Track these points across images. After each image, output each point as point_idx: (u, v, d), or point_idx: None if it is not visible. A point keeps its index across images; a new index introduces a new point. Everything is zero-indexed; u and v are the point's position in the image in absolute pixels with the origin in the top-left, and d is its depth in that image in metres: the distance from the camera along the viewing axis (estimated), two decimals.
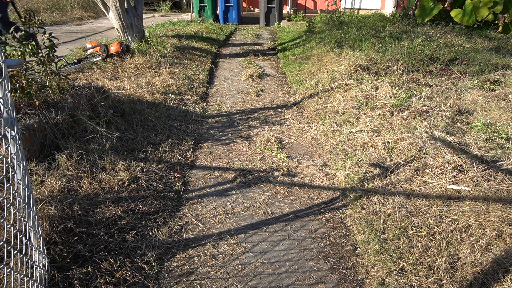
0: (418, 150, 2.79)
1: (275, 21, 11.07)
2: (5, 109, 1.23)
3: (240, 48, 7.71)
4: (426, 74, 4.42)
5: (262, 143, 3.34)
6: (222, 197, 2.54)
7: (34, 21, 3.00)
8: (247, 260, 1.97)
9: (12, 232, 1.33)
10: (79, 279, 1.71)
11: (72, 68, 4.57)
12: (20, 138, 1.37)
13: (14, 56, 2.93)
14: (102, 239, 1.97)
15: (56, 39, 3.17)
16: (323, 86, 4.57)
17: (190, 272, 1.88)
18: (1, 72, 1.18)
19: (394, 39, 5.97)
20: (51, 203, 2.11)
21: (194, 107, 4.15)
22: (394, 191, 2.45)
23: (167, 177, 2.68)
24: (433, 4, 7.81)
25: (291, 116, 4.06)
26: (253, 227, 2.24)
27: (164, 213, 2.28)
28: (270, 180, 2.76)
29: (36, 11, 9.84)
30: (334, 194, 2.61)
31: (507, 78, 4.15)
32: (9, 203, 1.26)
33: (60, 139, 2.74)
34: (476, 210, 2.16)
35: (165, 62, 5.34)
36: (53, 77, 3.15)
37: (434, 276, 1.80)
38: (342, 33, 6.84)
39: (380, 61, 4.71)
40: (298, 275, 1.88)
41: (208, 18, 11.05)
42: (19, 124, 2.50)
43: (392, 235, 2.08)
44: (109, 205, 2.24)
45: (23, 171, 1.39)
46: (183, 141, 3.24)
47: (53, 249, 1.82)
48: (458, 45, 5.71)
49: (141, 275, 1.82)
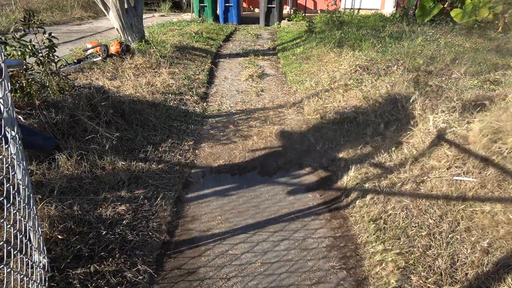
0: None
1: (275, 21, 11.07)
2: (5, 109, 1.23)
3: (240, 48, 7.71)
4: (426, 74, 4.41)
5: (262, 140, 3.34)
6: (222, 197, 2.54)
7: (34, 21, 3.00)
8: (247, 260, 1.97)
9: (12, 232, 1.33)
10: (79, 279, 1.71)
11: (72, 68, 4.57)
12: (20, 138, 1.36)
13: (14, 56, 2.93)
14: (102, 239, 1.96)
15: (56, 39, 3.17)
16: (323, 86, 4.57)
17: (190, 272, 1.88)
18: (1, 72, 1.18)
19: (394, 39, 5.97)
20: (51, 203, 2.11)
21: (194, 107, 4.15)
22: (397, 191, 2.45)
23: (167, 177, 2.67)
24: (433, 4, 7.81)
25: (291, 116, 4.06)
26: (253, 227, 2.24)
27: (165, 213, 2.28)
28: (271, 180, 2.76)
29: (36, 11, 9.83)
30: (336, 193, 2.61)
31: (507, 78, 4.14)
32: (9, 203, 1.26)
33: (60, 139, 2.74)
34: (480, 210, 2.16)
35: (165, 62, 5.34)
36: (53, 77, 3.15)
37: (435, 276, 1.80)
38: (342, 33, 6.84)
39: (380, 61, 4.71)
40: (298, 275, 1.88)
41: (208, 18, 11.05)
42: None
43: (393, 234, 2.07)
44: (110, 205, 2.23)
45: (23, 171, 1.39)
46: (183, 141, 3.24)
47: (53, 249, 1.82)
48: (458, 45, 5.71)
49: (141, 275, 1.81)
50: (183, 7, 14.77)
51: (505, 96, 3.28)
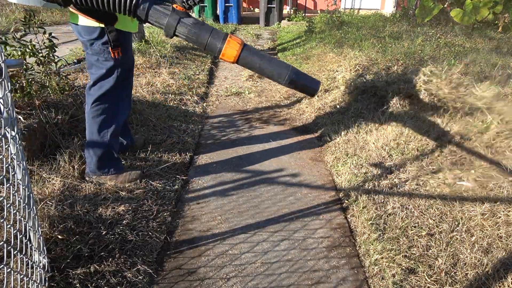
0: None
1: (275, 21, 11.07)
2: (5, 109, 1.23)
3: None
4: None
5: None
6: (222, 197, 2.54)
7: (34, 21, 3.00)
8: (247, 260, 1.97)
9: (12, 232, 1.33)
10: (79, 279, 1.71)
11: (72, 68, 4.57)
12: (20, 138, 1.36)
13: (14, 56, 2.93)
14: (102, 239, 1.96)
15: (56, 39, 3.17)
16: (323, 86, 4.57)
17: (190, 272, 1.88)
18: (1, 72, 1.18)
19: (394, 39, 5.97)
20: (51, 203, 2.11)
21: (194, 107, 4.15)
22: (396, 191, 2.45)
23: (167, 177, 2.67)
24: (433, 4, 7.80)
25: (291, 116, 4.06)
26: (254, 227, 2.24)
27: (165, 213, 2.28)
28: (271, 180, 2.76)
29: (36, 11, 9.84)
30: (336, 195, 2.62)
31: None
32: (9, 203, 1.26)
33: (60, 139, 2.74)
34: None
35: (165, 62, 5.34)
36: (53, 77, 3.15)
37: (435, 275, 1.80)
38: (342, 33, 6.84)
39: (380, 61, 4.71)
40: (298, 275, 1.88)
41: (208, 18, 11.05)
42: (19, 124, 2.50)
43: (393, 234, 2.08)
44: (110, 205, 2.23)
45: (23, 171, 1.39)
46: (183, 141, 3.24)
47: (53, 249, 1.82)
48: (458, 45, 5.70)
49: (141, 275, 1.81)
50: None
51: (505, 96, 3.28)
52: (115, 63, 2.19)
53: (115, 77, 2.24)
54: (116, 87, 2.28)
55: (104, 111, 2.31)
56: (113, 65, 2.20)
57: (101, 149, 2.38)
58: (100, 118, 2.31)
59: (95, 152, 2.38)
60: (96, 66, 2.21)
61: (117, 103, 2.36)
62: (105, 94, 2.27)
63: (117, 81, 2.26)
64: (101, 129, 2.34)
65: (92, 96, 2.27)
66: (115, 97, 2.32)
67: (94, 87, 2.26)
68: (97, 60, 2.19)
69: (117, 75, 2.24)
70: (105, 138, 2.36)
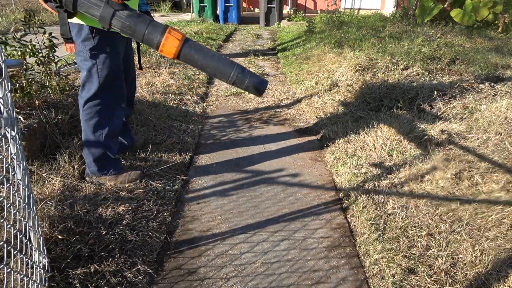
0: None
1: (275, 21, 11.07)
2: (5, 109, 1.23)
3: (240, 48, 7.71)
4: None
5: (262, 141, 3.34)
6: (222, 197, 2.54)
7: (34, 21, 3.00)
8: (247, 260, 1.97)
9: (12, 232, 1.33)
10: (79, 279, 1.71)
11: (72, 68, 4.57)
12: (20, 138, 1.37)
13: (14, 56, 2.93)
14: (102, 239, 1.96)
15: (56, 39, 3.17)
16: (323, 86, 4.58)
17: (190, 272, 1.88)
18: (1, 72, 1.18)
19: (394, 39, 5.97)
20: (51, 203, 2.11)
21: (194, 107, 4.15)
22: (396, 191, 2.45)
23: (167, 177, 2.67)
24: (433, 4, 7.80)
25: (291, 116, 4.06)
26: (254, 227, 2.24)
27: (164, 213, 2.28)
28: (271, 180, 2.76)
29: (36, 11, 9.83)
30: (336, 195, 2.62)
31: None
32: (9, 203, 1.26)
33: (60, 139, 2.74)
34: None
35: (165, 62, 5.34)
36: (53, 77, 3.15)
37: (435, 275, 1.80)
38: (342, 33, 6.84)
39: (380, 61, 4.71)
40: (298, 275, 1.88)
41: (208, 18, 11.05)
42: (19, 124, 2.50)
43: (393, 233, 2.08)
44: (110, 205, 2.23)
45: (23, 171, 1.39)
46: (183, 141, 3.24)
47: (53, 249, 1.82)
48: (458, 45, 5.71)
49: (141, 275, 1.81)
50: (183, 7, 14.78)
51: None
52: (92, 63, 2.06)
53: (98, 78, 2.11)
54: (104, 88, 2.15)
55: (96, 114, 2.22)
56: (91, 65, 2.07)
57: (97, 151, 2.35)
58: (92, 121, 2.24)
59: (92, 154, 2.36)
60: (81, 67, 2.14)
61: (110, 104, 2.26)
62: (94, 96, 2.16)
63: (104, 81, 2.13)
64: (95, 131, 2.27)
65: (82, 99, 2.19)
66: (106, 99, 2.20)
67: (83, 89, 2.18)
68: (80, 60, 2.10)
69: (100, 76, 2.11)
70: (100, 139, 2.30)
